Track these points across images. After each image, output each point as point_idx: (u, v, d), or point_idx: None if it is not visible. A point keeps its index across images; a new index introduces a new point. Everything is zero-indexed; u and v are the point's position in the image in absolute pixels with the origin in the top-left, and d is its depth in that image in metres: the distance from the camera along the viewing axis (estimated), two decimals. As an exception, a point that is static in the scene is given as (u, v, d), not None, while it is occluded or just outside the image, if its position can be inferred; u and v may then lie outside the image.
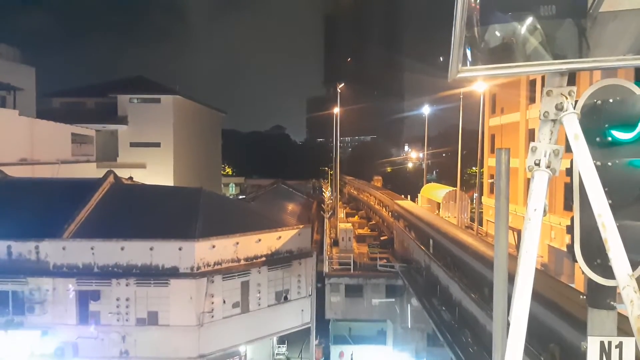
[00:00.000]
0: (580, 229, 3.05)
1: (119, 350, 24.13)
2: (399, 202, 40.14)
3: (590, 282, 3.06)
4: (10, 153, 35.06)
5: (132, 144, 55.29)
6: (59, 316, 24.10)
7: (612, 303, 3.05)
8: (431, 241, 26.84)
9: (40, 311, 23.83)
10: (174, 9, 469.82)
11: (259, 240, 27.25)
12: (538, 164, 2.90)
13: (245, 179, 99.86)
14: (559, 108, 2.89)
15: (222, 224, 26.80)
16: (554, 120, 2.92)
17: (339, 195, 46.98)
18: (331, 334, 32.81)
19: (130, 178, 35.24)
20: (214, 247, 25.19)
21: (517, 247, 3.01)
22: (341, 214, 46.26)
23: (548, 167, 2.90)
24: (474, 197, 44.31)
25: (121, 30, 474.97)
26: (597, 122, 3.00)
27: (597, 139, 2.99)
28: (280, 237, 28.33)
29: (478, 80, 28.93)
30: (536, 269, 2.97)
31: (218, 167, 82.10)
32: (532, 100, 33.45)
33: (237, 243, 26.24)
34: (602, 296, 3.06)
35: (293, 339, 33.40)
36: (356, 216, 53.35)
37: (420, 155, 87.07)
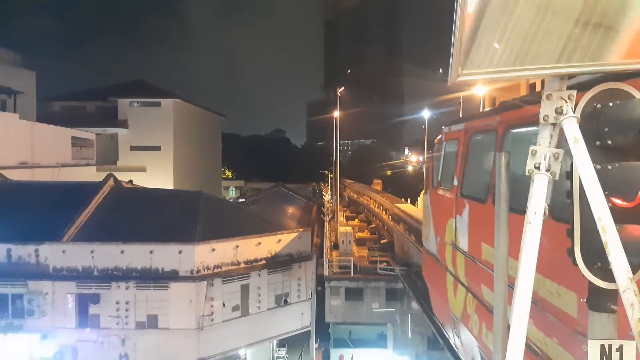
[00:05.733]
0: (580, 232, 3.05)
1: (119, 354, 24.08)
2: (399, 205, 40.09)
3: (590, 285, 3.06)
4: (11, 156, 35.09)
5: (132, 148, 55.31)
6: (59, 319, 24.07)
7: (612, 306, 3.05)
8: (431, 244, 26.77)
9: (40, 314, 23.79)
10: (175, 13, 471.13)
11: (259, 243, 27.24)
12: (538, 167, 2.92)
13: (245, 182, 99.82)
14: (559, 112, 2.90)
15: (222, 227, 26.79)
16: (553, 124, 2.93)
17: (339, 199, 46.95)
18: (331, 337, 32.73)
19: (130, 181, 35.27)
20: (213, 250, 25.18)
21: None
22: (341, 217, 46.20)
23: (548, 170, 2.91)
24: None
25: (121, 33, 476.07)
26: (596, 125, 3.01)
27: (597, 142, 3.00)
28: (280, 241, 28.32)
29: (478, 84, 28.93)
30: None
31: (218, 170, 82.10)
32: (531, 103, 33.45)
33: (237, 246, 26.22)
34: (603, 299, 3.06)
35: (293, 343, 33.34)
36: (356, 219, 53.28)
37: (420, 158, 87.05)
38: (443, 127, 10.80)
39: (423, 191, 17.37)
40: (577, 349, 4.48)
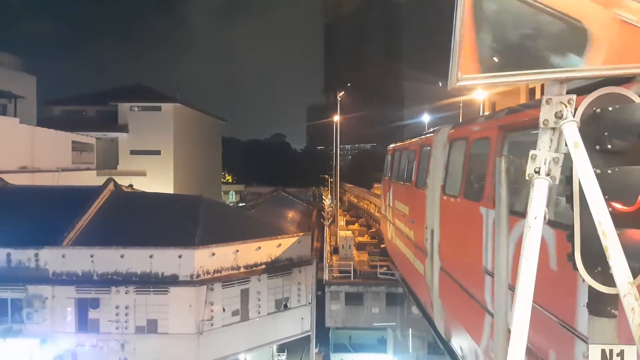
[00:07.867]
0: (580, 236, 3.05)
1: (118, 359, 24.01)
2: (399, 209, 40.01)
3: (591, 290, 3.05)
4: (11, 161, 35.09)
5: (133, 152, 55.36)
6: (58, 324, 23.99)
7: (613, 311, 3.04)
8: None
9: (39, 319, 23.72)
10: (175, 17, 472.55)
11: (259, 247, 27.20)
12: (538, 172, 2.91)
13: (245, 186, 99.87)
14: (559, 116, 2.90)
15: (222, 232, 26.76)
16: (553, 129, 2.93)
17: (339, 203, 46.92)
18: (331, 342, 32.63)
19: (131, 186, 35.23)
20: (213, 254, 25.14)
21: None
22: (341, 221, 46.14)
23: (548, 174, 2.90)
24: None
25: (122, 38, 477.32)
26: (596, 130, 3.01)
27: (597, 146, 2.99)
28: (280, 245, 28.28)
29: (478, 88, 28.96)
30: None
31: (218, 174, 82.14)
32: (531, 108, 33.39)
33: (237, 251, 26.19)
34: (604, 304, 3.05)
35: (293, 347, 33.22)
36: (356, 224, 53.19)
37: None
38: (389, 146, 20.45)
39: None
40: (414, 228, 12.91)
